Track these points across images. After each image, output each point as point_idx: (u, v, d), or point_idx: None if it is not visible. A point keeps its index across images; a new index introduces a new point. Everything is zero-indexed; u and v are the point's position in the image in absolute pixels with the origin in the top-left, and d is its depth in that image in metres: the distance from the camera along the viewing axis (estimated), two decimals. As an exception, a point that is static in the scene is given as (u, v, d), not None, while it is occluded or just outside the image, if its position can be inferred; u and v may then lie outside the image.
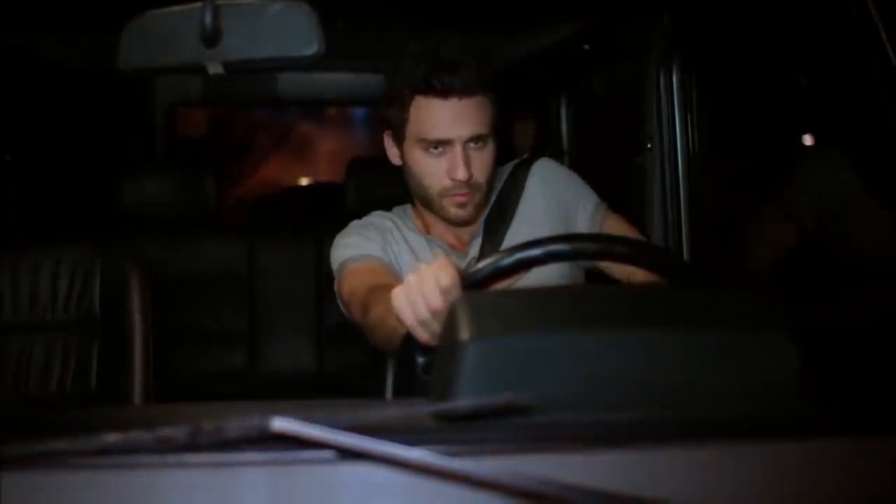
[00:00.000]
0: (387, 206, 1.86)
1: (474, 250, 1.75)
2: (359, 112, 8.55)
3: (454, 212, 1.69)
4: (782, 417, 0.86)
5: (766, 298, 0.92)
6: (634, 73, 2.20)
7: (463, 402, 0.81)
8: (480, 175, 1.67)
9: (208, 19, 1.05)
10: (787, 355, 0.87)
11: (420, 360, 1.29)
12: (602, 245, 1.41)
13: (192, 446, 0.74)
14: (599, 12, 2.33)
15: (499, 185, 1.81)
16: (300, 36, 1.08)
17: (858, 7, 1.34)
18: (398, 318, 1.30)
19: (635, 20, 2.18)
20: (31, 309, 2.06)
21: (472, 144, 1.65)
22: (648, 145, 2.17)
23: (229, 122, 9.04)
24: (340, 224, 1.76)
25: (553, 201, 1.79)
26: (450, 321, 0.87)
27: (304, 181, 8.71)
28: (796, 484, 0.83)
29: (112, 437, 0.74)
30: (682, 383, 0.86)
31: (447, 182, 1.66)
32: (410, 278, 1.27)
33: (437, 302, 1.21)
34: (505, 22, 1.67)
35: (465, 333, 0.84)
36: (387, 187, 2.98)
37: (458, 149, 1.63)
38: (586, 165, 2.69)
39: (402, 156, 1.72)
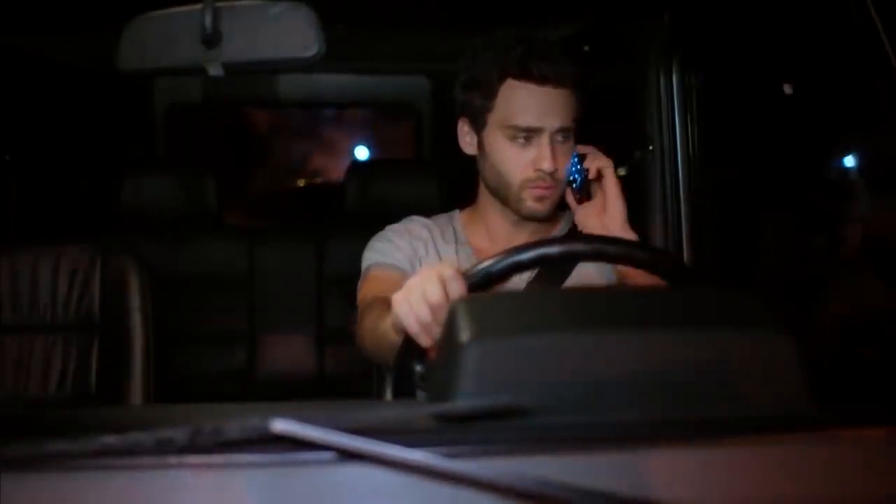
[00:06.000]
0: (386, 207, 1.85)
1: None
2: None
3: (532, 205, 1.62)
4: (782, 417, 0.86)
5: (764, 298, 0.92)
6: (634, 73, 2.20)
7: (463, 403, 0.81)
8: (563, 169, 1.61)
9: (208, 21, 1.05)
10: (787, 355, 0.87)
11: (417, 369, 1.26)
12: (595, 246, 1.36)
13: (191, 447, 0.74)
14: (599, 13, 2.33)
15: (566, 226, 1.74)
16: (300, 38, 1.08)
17: (858, 7, 1.34)
18: (395, 327, 1.27)
19: (635, 20, 2.18)
20: (30, 309, 2.05)
21: (559, 136, 1.59)
22: (650, 146, 2.17)
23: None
24: (340, 225, 1.75)
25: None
26: (450, 322, 0.87)
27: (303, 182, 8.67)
28: (796, 484, 0.83)
29: (111, 439, 0.74)
30: (682, 383, 0.85)
31: (531, 173, 1.59)
32: (410, 281, 1.24)
33: (439, 297, 1.18)
34: (504, 23, 1.66)
35: (465, 334, 0.84)
36: (386, 188, 3.00)
37: (546, 139, 1.58)
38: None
39: (479, 144, 1.65)
